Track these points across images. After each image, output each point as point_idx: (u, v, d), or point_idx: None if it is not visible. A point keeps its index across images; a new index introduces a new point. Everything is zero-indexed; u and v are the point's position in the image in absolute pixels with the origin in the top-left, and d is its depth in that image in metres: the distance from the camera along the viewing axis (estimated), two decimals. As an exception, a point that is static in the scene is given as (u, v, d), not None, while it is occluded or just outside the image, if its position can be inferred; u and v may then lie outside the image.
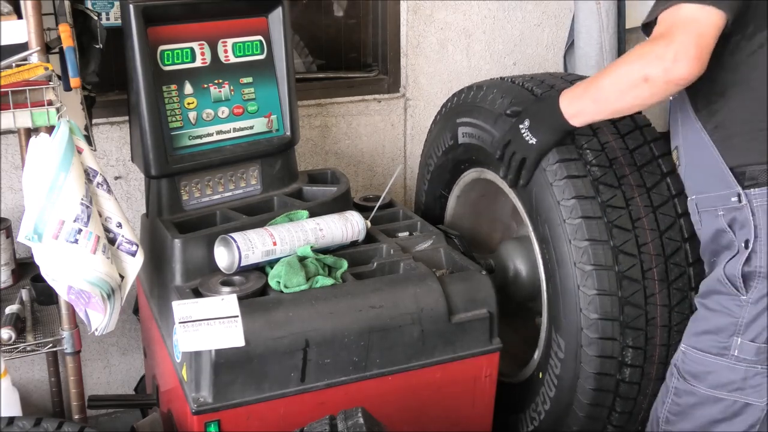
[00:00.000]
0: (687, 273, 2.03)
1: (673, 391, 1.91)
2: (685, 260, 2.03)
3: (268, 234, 2.05)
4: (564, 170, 2.01)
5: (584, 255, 1.97)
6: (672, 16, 1.68)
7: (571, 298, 2.01)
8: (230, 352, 1.84)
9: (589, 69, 2.90)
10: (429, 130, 2.67)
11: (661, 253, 2.00)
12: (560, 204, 2.00)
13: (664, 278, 2.00)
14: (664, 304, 2.01)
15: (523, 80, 2.27)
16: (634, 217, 1.99)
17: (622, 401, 2.08)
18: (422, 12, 3.06)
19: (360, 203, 2.53)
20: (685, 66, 1.64)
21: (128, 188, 2.80)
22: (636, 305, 1.98)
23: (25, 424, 1.82)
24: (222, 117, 2.27)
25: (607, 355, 2.00)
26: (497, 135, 2.19)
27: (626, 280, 1.97)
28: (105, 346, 2.91)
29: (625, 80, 1.75)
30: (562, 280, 2.03)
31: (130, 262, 1.96)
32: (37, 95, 1.90)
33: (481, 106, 2.28)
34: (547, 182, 2.02)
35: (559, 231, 2.01)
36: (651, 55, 1.69)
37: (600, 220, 1.97)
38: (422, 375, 2.05)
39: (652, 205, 2.02)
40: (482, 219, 2.68)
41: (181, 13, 2.18)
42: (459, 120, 2.39)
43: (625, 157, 2.05)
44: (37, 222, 1.81)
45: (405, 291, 2.02)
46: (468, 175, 2.48)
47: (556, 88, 2.17)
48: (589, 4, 2.85)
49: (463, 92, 2.43)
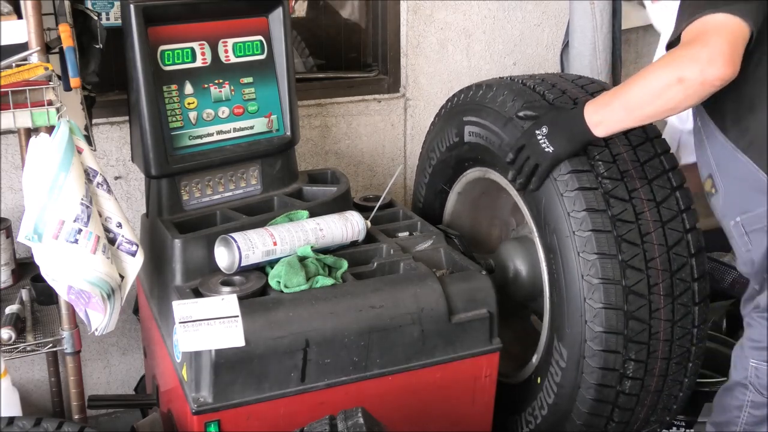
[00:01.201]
0: (692, 288, 2.04)
1: (749, 404, 1.91)
2: (690, 276, 2.04)
3: (269, 234, 2.05)
4: (575, 181, 1.99)
5: (592, 268, 1.96)
6: (702, 24, 1.69)
7: (576, 310, 2.01)
8: (230, 352, 1.84)
9: (583, 68, 2.91)
10: (432, 122, 2.64)
11: (667, 268, 2.00)
12: (570, 215, 1.99)
13: (670, 293, 2.00)
14: (668, 318, 2.01)
15: (534, 83, 2.23)
16: (643, 231, 1.98)
17: (620, 412, 2.08)
18: (422, 12, 3.06)
19: (360, 203, 2.53)
20: (720, 66, 1.64)
21: (128, 188, 2.80)
22: (641, 320, 1.98)
23: (25, 424, 1.82)
24: (222, 117, 2.27)
25: (609, 367, 2.01)
26: (506, 138, 2.17)
27: (632, 295, 1.97)
28: (105, 346, 2.91)
29: (657, 83, 1.72)
30: (568, 291, 2.02)
31: (130, 262, 1.96)
32: (37, 95, 1.90)
33: (491, 108, 2.25)
34: (558, 192, 2.01)
35: (567, 242, 2.00)
36: (685, 57, 1.68)
37: (610, 234, 1.96)
38: (422, 375, 2.05)
39: (661, 220, 2.01)
40: (482, 216, 2.67)
41: (181, 13, 2.18)
42: (466, 118, 2.35)
43: (636, 170, 2.03)
44: (37, 222, 1.81)
45: (405, 291, 2.02)
46: (471, 173, 2.46)
47: (567, 94, 2.15)
48: (583, 4, 2.86)
49: (472, 90, 2.39)
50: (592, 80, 2.32)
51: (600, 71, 2.92)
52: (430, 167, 2.63)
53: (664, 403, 2.13)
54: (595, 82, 2.29)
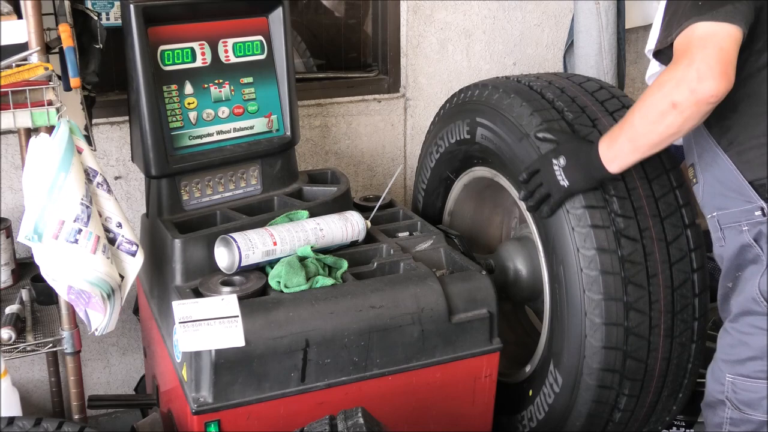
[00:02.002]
0: (692, 327, 2.04)
1: (728, 422, 1.85)
2: (692, 316, 2.04)
3: (269, 234, 2.05)
4: (588, 218, 1.95)
5: (596, 309, 1.96)
6: (687, 36, 1.63)
7: (575, 344, 2.01)
8: (230, 352, 1.84)
9: (589, 69, 2.90)
10: (442, 106, 2.57)
11: (670, 310, 2.00)
12: (580, 251, 1.97)
13: (669, 334, 2.01)
14: (665, 357, 2.02)
15: (554, 96, 2.15)
16: (650, 273, 1.97)
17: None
18: (422, 12, 3.06)
19: (360, 203, 2.53)
20: (711, 83, 1.59)
21: (128, 188, 2.80)
22: (638, 359, 1.99)
23: (25, 424, 1.82)
24: (222, 117, 2.27)
25: (602, 401, 2.02)
26: (519, 153, 2.12)
27: (633, 337, 1.97)
28: (105, 346, 2.91)
29: (653, 111, 1.68)
30: (569, 325, 2.03)
31: (130, 262, 1.96)
32: (37, 95, 1.90)
33: (507, 117, 2.17)
34: (570, 226, 1.98)
35: (574, 278, 1.98)
36: (673, 80, 1.63)
37: (618, 275, 1.94)
38: (422, 375, 2.05)
39: (669, 261, 1.99)
40: (485, 206, 2.66)
41: (181, 13, 2.18)
42: (480, 119, 2.29)
43: (650, 207, 2.00)
44: (37, 222, 1.81)
45: (405, 291, 2.02)
46: (479, 171, 2.43)
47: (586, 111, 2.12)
48: (588, 4, 2.85)
49: (487, 90, 2.30)
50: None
51: (606, 72, 2.90)
52: (437, 152, 2.56)
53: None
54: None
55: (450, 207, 2.63)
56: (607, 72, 2.91)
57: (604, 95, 2.19)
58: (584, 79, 2.31)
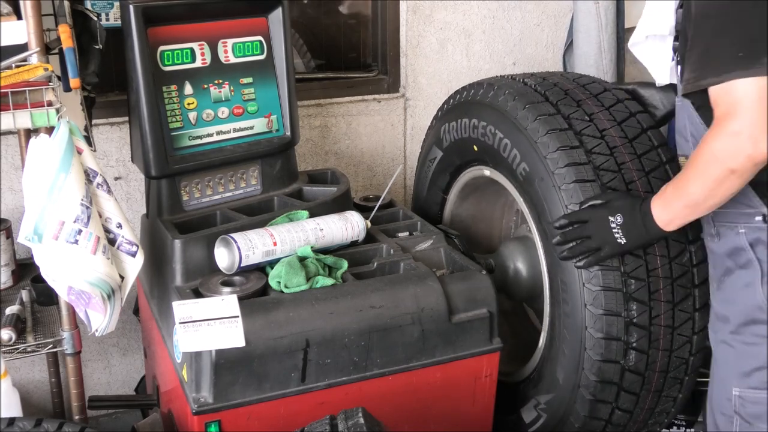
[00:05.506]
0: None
1: None
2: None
3: (269, 234, 2.05)
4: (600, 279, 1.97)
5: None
6: (729, 97, 1.60)
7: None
8: (230, 353, 1.84)
9: (588, 68, 2.90)
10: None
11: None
12: (585, 286, 1.98)
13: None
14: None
15: (570, 112, 2.10)
16: (653, 316, 1.98)
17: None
18: (422, 12, 3.06)
19: (360, 203, 2.53)
20: (765, 143, 1.57)
21: (128, 189, 2.80)
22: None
23: (26, 425, 1.82)
24: (222, 117, 2.27)
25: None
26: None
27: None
28: (105, 347, 2.91)
29: (712, 180, 1.66)
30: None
31: (130, 263, 1.96)
32: (37, 96, 1.90)
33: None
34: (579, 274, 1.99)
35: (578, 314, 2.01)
36: (728, 150, 1.60)
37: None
38: (422, 375, 2.05)
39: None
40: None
41: (181, 13, 2.18)
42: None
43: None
44: (37, 223, 1.81)
45: (405, 291, 2.02)
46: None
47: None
48: (587, 3, 2.85)
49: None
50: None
51: (606, 71, 2.90)
52: (448, 132, 2.50)
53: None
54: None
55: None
56: (606, 71, 2.91)
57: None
58: (578, 75, 2.33)
